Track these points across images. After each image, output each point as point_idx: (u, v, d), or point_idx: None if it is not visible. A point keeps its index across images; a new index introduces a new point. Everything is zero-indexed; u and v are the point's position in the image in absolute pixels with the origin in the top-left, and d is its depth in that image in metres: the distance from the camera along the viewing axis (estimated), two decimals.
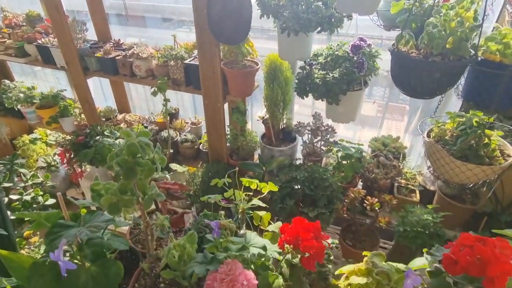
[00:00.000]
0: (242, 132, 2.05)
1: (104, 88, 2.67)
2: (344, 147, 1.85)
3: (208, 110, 1.79)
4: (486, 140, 1.17)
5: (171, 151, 2.05)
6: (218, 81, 1.65)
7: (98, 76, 1.96)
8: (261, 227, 0.88)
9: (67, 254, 0.81)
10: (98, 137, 1.93)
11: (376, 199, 1.60)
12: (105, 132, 1.95)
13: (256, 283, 0.62)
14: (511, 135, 1.33)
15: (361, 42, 1.36)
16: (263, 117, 2.01)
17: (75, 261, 0.78)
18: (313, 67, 1.52)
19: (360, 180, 1.86)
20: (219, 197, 0.87)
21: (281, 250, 0.70)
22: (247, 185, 0.96)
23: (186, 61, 1.75)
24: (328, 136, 1.90)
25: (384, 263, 0.81)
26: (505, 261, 0.62)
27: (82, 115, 2.21)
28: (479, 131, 1.18)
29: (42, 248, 1.50)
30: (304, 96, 1.56)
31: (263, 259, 0.70)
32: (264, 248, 0.68)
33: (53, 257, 0.55)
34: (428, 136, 1.33)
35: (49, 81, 2.94)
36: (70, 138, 1.96)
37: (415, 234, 1.44)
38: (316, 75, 1.46)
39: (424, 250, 0.81)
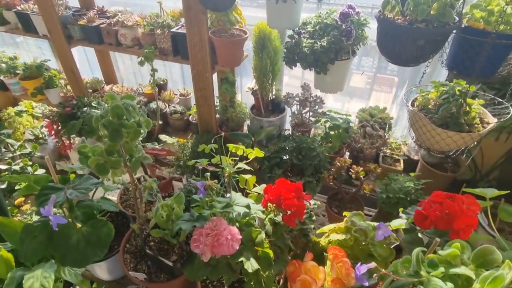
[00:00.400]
0: (232, 103, 2.06)
1: (90, 58, 2.60)
2: (332, 118, 1.88)
3: (197, 80, 1.77)
4: (467, 108, 1.21)
5: (160, 122, 2.05)
6: (206, 50, 1.62)
7: (82, 45, 1.91)
8: (247, 190, 0.92)
9: None
10: (86, 108, 1.91)
11: (361, 168, 1.65)
12: (92, 103, 1.93)
13: (240, 238, 0.66)
14: (493, 104, 1.37)
15: (350, 10, 1.34)
16: (253, 88, 2.01)
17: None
18: (302, 35, 1.51)
19: (347, 150, 1.90)
20: (205, 161, 0.90)
21: (264, 209, 0.74)
22: (233, 151, 0.98)
23: (173, 30, 1.71)
24: (317, 107, 1.92)
25: (362, 222, 0.86)
26: (470, 215, 0.66)
27: (68, 87, 2.17)
28: (460, 100, 1.21)
29: (34, 217, 1.53)
30: (293, 66, 1.56)
31: (247, 218, 0.74)
32: (248, 206, 0.72)
33: (43, 212, 0.57)
34: (413, 105, 1.36)
35: (32, 51, 2.84)
36: (56, 110, 1.93)
37: (397, 201, 1.50)
38: (304, 44, 1.45)
39: (400, 209, 0.86)
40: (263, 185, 0.85)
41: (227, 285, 0.84)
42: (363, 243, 0.82)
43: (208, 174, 0.80)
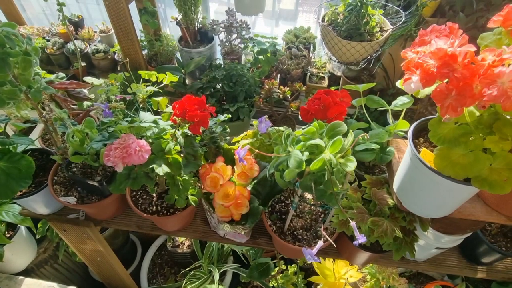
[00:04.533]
0: (158, 36, 1.98)
1: None
2: (259, 42, 1.91)
3: (112, 12, 1.66)
4: (368, 19, 1.31)
5: (84, 64, 1.94)
6: None
7: None
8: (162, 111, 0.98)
9: None
10: None
11: (288, 88, 1.77)
12: None
13: (149, 148, 0.74)
14: (396, 15, 1.49)
15: None
16: (176, 18, 1.94)
17: None
18: None
19: (277, 73, 1.99)
20: (115, 88, 0.93)
21: (173, 123, 0.82)
22: (146, 77, 1.01)
23: None
24: (244, 32, 1.93)
25: None
26: (341, 104, 0.80)
27: None
28: (362, 10, 1.30)
29: None
30: None
31: (160, 134, 0.82)
32: (155, 122, 0.79)
33: None
34: (323, 20, 1.44)
35: None
36: None
37: None
38: None
39: None
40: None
41: (154, 194, 0.95)
42: (268, 144, 0.96)
43: (114, 97, 0.84)
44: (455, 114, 0.49)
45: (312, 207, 0.95)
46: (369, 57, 1.45)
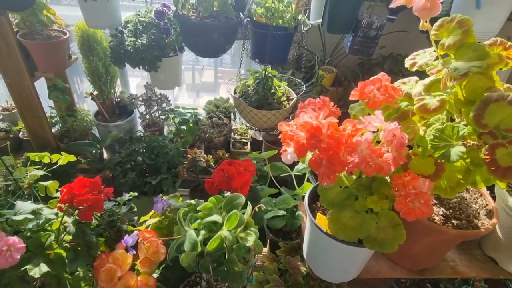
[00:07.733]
0: (71, 111, 1.89)
1: None
2: (180, 113, 1.93)
3: (14, 91, 1.55)
4: (273, 90, 1.44)
5: None
6: (17, 55, 1.44)
7: None
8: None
9: None
10: None
11: (211, 156, 1.76)
12: None
13: (23, 246, 0.63)
14: (300, 85, 1.67)
15: (164, 8, 1.40)
16: (91, 93, 1.89)
17: None
18: (125, 34, 1.49)
19: (201, 142, 2.00)
20: None
21: (57, 211, 0.72)
22: (37, 159, 0.91)
23: None
24: (164, 104, 1.95)
25: (178, 202, 0.94)
26: (244, 174, 0.81)
27: None
28: (268, 83, 1.43)
29: None
30: (122, 66, 1.54)
31: (44, 226, 0.71)
32: (33, 212, 0.69)
33: None
34: (236, 92, 1.53)
35: None
36: None
37: None
38: (127, 43, 1.45)
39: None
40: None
41: None
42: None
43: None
44: (329, 181, 0.51)
45: None
46: None
